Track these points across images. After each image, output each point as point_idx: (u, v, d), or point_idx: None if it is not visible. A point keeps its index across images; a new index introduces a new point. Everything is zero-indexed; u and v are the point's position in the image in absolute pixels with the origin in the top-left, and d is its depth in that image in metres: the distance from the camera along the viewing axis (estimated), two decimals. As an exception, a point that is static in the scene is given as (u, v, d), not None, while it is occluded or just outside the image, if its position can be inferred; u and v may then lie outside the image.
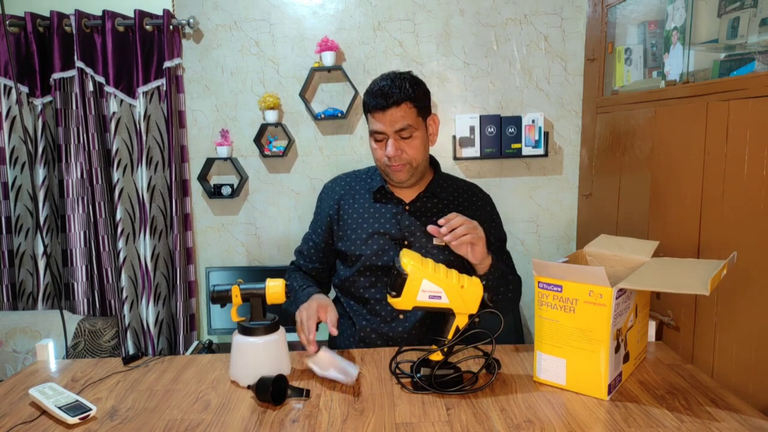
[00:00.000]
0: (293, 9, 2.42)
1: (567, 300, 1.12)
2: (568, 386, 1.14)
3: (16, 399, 1.18)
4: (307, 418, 1.06)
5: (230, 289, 1.22)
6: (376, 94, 1.39)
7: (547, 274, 1.14)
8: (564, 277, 1.11)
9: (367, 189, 1.53)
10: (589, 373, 1.11)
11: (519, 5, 2.39)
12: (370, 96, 1.41)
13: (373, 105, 1.39)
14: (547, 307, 1.15)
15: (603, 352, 1.09)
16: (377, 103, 1.38)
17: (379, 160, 1.45)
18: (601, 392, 1.10)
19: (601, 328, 1.08)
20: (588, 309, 1.09)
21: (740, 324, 1.33)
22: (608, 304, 1.07)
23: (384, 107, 1.38)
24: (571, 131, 2.46)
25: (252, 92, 2.48)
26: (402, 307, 1.16)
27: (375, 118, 1.40)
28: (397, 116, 1.38)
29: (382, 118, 1.39)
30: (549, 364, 1.16)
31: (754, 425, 0.99)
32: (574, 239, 2.53)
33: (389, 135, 1.39)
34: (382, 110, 1.38)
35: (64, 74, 2.35)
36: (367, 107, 1.43)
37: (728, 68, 1.45)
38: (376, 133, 1.41)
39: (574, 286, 1.10)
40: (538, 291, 1.16)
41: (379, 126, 1.40)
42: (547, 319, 1.15)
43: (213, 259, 2.59)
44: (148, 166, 2.41)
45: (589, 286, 1.08)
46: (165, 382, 1.24)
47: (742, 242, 1.32)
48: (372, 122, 1.42)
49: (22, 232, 2.46)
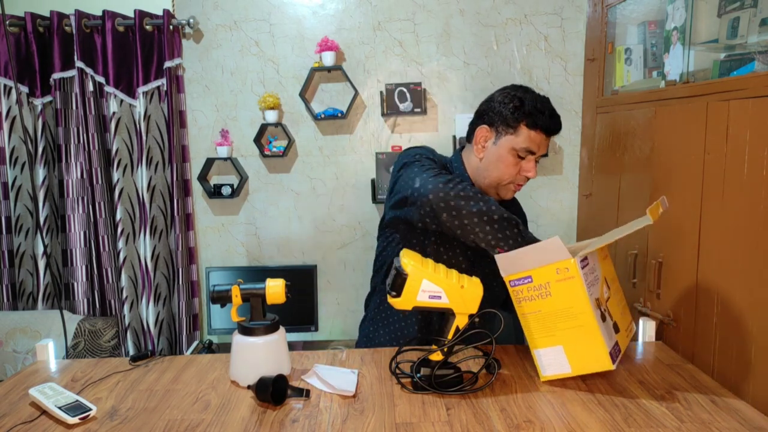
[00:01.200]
0: (293, 9, 2.42)
1: (540, 287, 1.14)
2: (575, 371, 1.15)
3: (16, 399, 1.18)
4: (307, 418, 1.06)
5: (230, 289, 1.22)
6: (549, 115, 1.34)
7: (514, 269, 1.16)
8: (529, 266, 1.14)
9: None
10: (587, 348, 1.13)
11: (519, 5, 2.39)
12: (542, 114, 1.33)
13: (544, 125, 1.33)
14: (525, 302, 1.17)
15: (590, 321, 1.11)
16: (550, 125, 1.34)
17: (510, 175, 1.37)
18: (607, 363, 1.12)
19: (579, 300, 1.11)
20: (561, 287, 1.12)
21: (740, 324, 1.33)
22: (576, 274, 1.10)
23: (551, 132, 1.35)
24: (571, 131, 2.46)
25: (252, 92, 2.48)
26: (402, 307, 1.16)
27: (537, 136, 1.34)
28: (549, 143, 1.40)
29: (544, 140, 1.35)
30: (549, 358, 1.17)
31: (754, 425, 0.99)
32: (574, 239, 2.52)
33: (536, 158, 1.37)
34: (548, 134, 1.35)
35: (64, 74, 2.36)
36: (528, 122, 1.33)
37: (728, 68, 1.45)
38: (527, 151, 1.34)
39: (541, 271, 1.13)
40: (512, 290, 1.18)
41: (535, 146, 1.34)
42: (530, 313, 1.17)
43: (213, 259, 2.59)
44: (148, 166, 2.41)
45: (554, 266, 1.11)
46: (165, 382, 1.24)
47: (742, 242, 1.32)
48: (529, 139, 1.33)
49: (22, 232, 2.46)
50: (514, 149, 1.34)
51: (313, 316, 2.44)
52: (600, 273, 1.20)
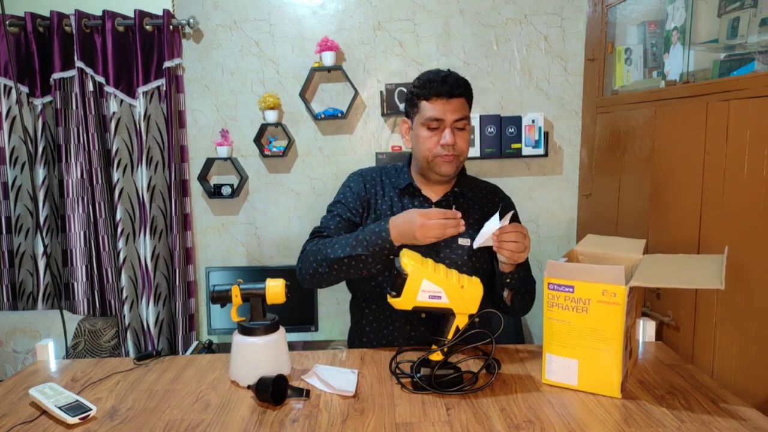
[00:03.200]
0: (293, 9, 2.42)
1: (579, 300, 1.11)
2: (580, 386, 1.14)
3: (16, 399, 1.18)
4: (307, 418, 1.06)
5: (230, 289, 1.22)
6: (440, 81, 1.37)
7: (560, 275, 1.13)
8: (577, 278, 1.11)
9: (395, 185, 1.51)
10: (602, 372, 1.11)
11: (519, 5, 2.39)
12: (432, 82, 1.37)
13: (436, 91, 1.36)
14: (557, 309, 1.14)
15: (616, 350, 1.09)
16: (443, 89, 1.36)
17: (429, 149, 1.40)
18: (615, 390, 1.10)
19: (615, 326, 1.08)
20: (601, 308, 1.09)
21: (740, 324, 1.33)
22: (622, 302, 1.07)
23: (450, 95, 1.36)
24: (571, 131, 2.46)
25: (252, 92, 2.48)
26: (402, 307, 1.16)
27: (435, 104, 1.37)
28: (459, 105, 1.38)
29: (445, 105, 1.37)
30: (559, 366, 1.16)
31: (754, 425, 0.99)
32: (574, 239, 2.52)
33: (447, 124, 1.38)
34: (447, 97, 1.37)
35: (64, 74, 2.35)
36: (424, 95, 1.38)
37: (728, 68, 1.45)
38: (434, 120, 1.38)
39: (587, 285, 1.10)
40: (548, 292, 1.15)
41: (438, 113, 1.37)
42: (558, 321, 1.15)
43: (213, 259, 2.59)
44: (148, 166, 2.41)
45: (602, 286, 1.08)
46: (165, 382, 1.24)
47: (742, 242, 1.32)
48: (429, 109, 1.38)
49: (22, 232, 2.46)
50: (422, 124, 1.40)
51: (313, 316, 2.44)
52: (635, 300, 1.18)
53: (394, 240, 1.30)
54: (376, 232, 1.32)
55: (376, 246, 1.31)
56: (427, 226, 1.25)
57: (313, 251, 1.41)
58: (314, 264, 1.39)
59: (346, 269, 1.35)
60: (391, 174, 1.55)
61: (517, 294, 1.38)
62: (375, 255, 1.32)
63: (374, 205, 1.49)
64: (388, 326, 1.46)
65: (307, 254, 1.43)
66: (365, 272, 1.36)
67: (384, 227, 1.32)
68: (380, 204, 1.49)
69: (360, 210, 1.49)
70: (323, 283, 1.41)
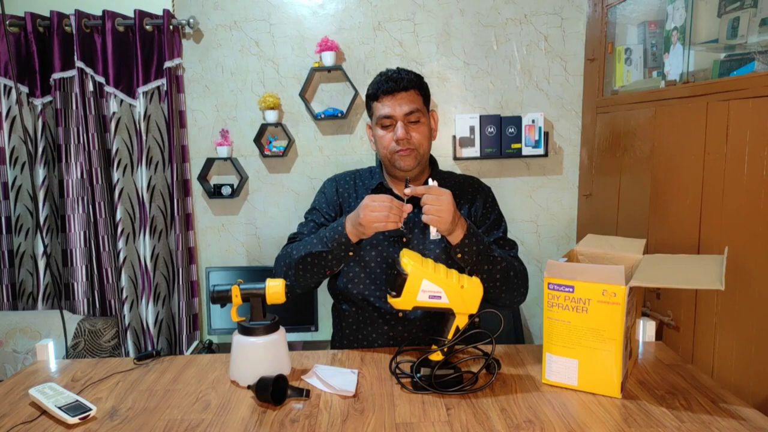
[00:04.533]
0: (293, 9, 2.42)
1: (579, 300, 1.11)
2: (580, 387, 1.14)
3: (16, 399, 1.18)
4: (307, 418, 1.06)
5: (230, 289, 1.22)
6: (385, 79, 1.40)
7: (560, 275, 1.13)
8: (577, 278, 1.11)
9: (367, 186, 1.54)
10: (602, 372, 1.11)
11: (519, 5, 2.39)
12: (378, 82, 1.42)
13: (382, 89, 1.40)
14: (557, 309, 1.14)
15: (616, 350, 1.09)
16: (387, 87, 1.39)
17: (386, 147, 1.43)
18: (615, 390, 1.10)
19: (615, 326, 1.08)
20: (601, 308, 1.09)
21: (740, 324, 1.33)
22: (622, 302, 1.07)
23: (394, 90, 1.39)
24: (571, 131, 2.46)
25: (252, 92, 2.48)
26: (402, 307, 1.16)
27: (383, 102, 1.41)
28: (407, 99, 1.40)
29: (391, 101, 1.40)
30: (559, 366, 1.16)
31: (754, 425, 0.99)
32: (574, 239, 2.53)
33: (398, 119, 1.40)
34: (392, 94, 1.39)
35: (64, 74, 2.35)
36: (373, 96, 1.43)
37: (728, 68, 1.45)
38: (384, 118, 1.41)
39: (587, 286, 1.10)
40: (548, 292, 1.15)
41: (387, 110, 1.40)
42: (558, 321, 1.15)
43: (213, 259, 2.59)
44: (148, 166, 2.41)
45: (602, 286, 1.08)
46: (165, 382, 1.24)
47: (742, 242, 1.32)
48: (379, 108, 1.42)
49: (22, 232, 2.46)
50: (377, 124, 1.45)
51: (313, 316, 2.44)
52: (635, 299, 1.18)
53: (348, 233, 1.32)
54: (333, 227, 1.35)
55: (333, 241, 1.33)
56: (370, 207, 1.26)
57: (282, 256, 1.46)
58: (284, 267, 1.43)
59: (310, 268, 1.37)
60: (365, 176, 1.58)
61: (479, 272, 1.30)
62: (333, 251, 1.34)
63: (347, 209, 1.51)
64: (367, 327, 1.48)
65: (278, 260, 1.48)
66: (328, 270, 1.38)
67: (341, 221, 1.34)
68: (353, 206, 1.50)
69: (333, 215, 1.52)
70: (295, 286, 1.43)
